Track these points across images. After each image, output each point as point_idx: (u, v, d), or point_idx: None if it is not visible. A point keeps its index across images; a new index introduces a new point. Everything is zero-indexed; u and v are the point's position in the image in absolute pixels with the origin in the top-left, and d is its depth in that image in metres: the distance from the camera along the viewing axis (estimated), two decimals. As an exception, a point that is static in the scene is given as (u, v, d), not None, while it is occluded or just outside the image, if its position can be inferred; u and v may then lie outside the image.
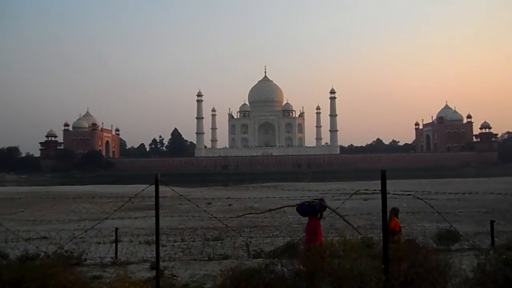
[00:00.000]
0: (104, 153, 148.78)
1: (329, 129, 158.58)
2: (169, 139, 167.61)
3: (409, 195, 7.78)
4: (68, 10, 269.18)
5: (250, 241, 11.32)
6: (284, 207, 9.11)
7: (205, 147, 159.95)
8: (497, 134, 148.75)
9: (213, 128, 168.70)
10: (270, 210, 9.36)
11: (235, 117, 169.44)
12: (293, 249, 8.55)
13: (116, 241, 11.07)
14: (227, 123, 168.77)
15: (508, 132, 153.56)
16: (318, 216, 8.84)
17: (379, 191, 6.04)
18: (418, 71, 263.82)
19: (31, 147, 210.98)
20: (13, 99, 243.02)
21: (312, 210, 8.77)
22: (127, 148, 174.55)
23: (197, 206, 10.21)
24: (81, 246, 11.44)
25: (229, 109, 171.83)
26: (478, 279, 5.81)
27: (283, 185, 36.85)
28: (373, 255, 6.50)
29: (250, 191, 37.12)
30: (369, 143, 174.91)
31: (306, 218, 8.74)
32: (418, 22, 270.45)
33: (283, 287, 5.82)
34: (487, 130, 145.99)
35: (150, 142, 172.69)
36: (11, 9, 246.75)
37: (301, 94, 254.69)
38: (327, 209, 8.71)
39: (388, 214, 9.18)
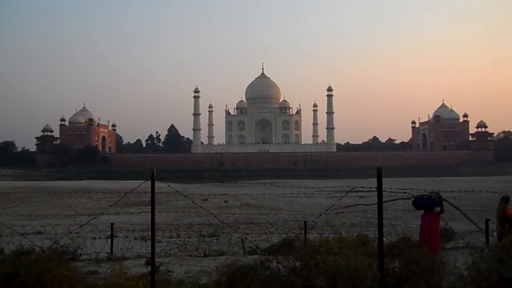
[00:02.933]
0: (100, 149, 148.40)
1: (325, 126, 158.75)
2: (166, 135, 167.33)
3: (405, 193, 7.80)
4: (66, 5, 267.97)
5: (245, 238, 11.33)
6: (398, 199, 8.89)
7: (202, 143, 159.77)
8: (493, 133, 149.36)
9: (210, 125, 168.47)
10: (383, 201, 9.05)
11: (232, 113, 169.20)
12: (289, 245, 8.55)
13: (112, 237, 11.06)
14: (224, 119, 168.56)
15: (504, 132, 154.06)
16: (439, 210, 8.54)
17: (375, 189, 6.05)
18: (415, 70, 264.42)
19: (27, 141, 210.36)
20: (9, 93, 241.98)
21: (432, 203, 8.46)
22: (123, 143, 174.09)
23: (193, 202, 10.21)
24: (76, 241, 11.43)
25: (226, 105, 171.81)
26: (473, 277, 5.83)
27: (279, 182, 36.88)
28: (369, 253, 6.51)
29: (246, 187, 37.14)
30: (365, 141, 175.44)
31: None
32: (415, 21, 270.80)
33: (278, 283, 5.83)
34: (483, 129, 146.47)
35: (147, 138, 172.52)
36: (10, 3, 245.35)
37: (298, 92, 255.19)
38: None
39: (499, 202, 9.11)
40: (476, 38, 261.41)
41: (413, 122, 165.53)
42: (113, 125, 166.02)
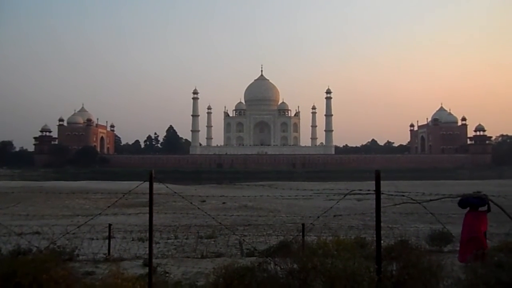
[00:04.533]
0: (98, 149, 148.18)
1: (324, 129, 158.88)
2: (164, 136, 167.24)
3: (403, 196, 7.79)
4: (65, 5, 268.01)
5: (243, 240, 11.31)
6: (445, 197, 8.92)
7: (200, 144, 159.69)
8: (491, 137, 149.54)
9: (209, 126, 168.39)
10: (431, 200, 9.15)
11: (230, 115, 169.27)
12: (287, 248, 8.54)
13: (109, 237, 11.03)
14: (223, 121, 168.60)
15: (502, 135, 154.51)
16: (486, 209, 8.56)
17: (373, 192, 6.05)
18: (414, 73, 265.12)
19: (25, 141, 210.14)
20: (8, 93, 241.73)
21: (481, 202, 8.45)
22: (121, 144, 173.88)
23: (191, 203, 10.18)
24: (73, 242, 11.38)
25: (225, 107, 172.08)
26: (470, 281, 5.84)
27: (278, 184, 36.83)
28: (366, 256, 6.51)
29: (244, 189, 37.02)
30: (364, 143, 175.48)
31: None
32: (414, 24, 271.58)
33: (275, 286, 5.82)
34: (481, 133, 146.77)
35: (145, 138, 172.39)
36: (8, 3, 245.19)
37: (297, 94, 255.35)
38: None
39: None
40: (475, 41, 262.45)
41: (412, 125, 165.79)
42: (112, 126, 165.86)
